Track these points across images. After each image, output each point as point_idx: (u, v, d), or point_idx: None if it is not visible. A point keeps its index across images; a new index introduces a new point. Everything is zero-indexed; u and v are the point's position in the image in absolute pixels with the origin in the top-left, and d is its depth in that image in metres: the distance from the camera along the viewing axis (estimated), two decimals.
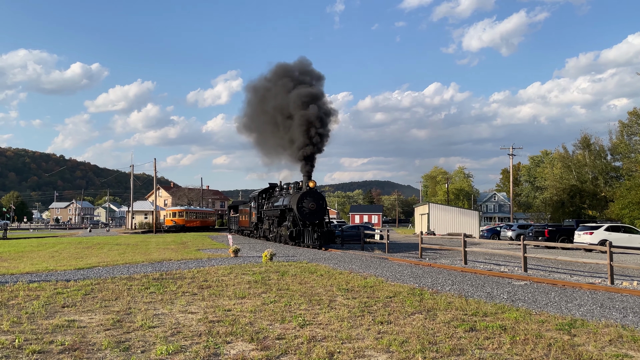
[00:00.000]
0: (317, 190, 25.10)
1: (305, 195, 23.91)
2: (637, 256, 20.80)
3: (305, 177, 24.92)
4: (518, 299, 8.53)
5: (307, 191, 24.14)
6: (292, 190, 26.42)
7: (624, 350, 5.23)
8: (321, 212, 24.17)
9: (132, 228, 62.24)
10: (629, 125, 43.48)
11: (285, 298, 8.31)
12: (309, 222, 23.63)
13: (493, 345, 5.43)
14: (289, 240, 24.00)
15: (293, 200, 24.24)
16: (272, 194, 30.68)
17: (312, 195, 24.13)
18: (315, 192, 24.40)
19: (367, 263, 14.75)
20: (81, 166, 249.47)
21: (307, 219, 23.70)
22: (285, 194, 27.16)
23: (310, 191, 24.17)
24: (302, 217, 23.62)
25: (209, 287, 9.60)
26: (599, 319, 6.77)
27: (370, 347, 5.41)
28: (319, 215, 24.11)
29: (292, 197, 24.76)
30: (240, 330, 6.05)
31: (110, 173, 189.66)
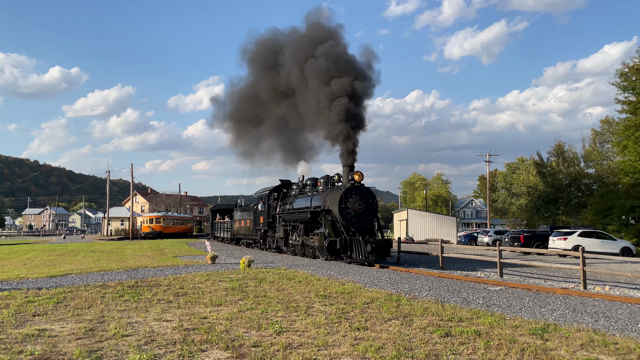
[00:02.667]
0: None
1: (349, 193, 17.87)
2: (609, 261, 21.25)
3: (346, 168, 18.85)
4: (493, 304, 8.63)
5: (351, 187, 18.04)
6: (322, 187, 20.49)
7: (595, 355, 5.33)
8: (372, 215, 18.24)
9: (108, 235, 61.24)
10: (602, 133, 44.54)
11: (263, 305, 8.26)
12: (355, 228, 17.73)
13: (468, 350, 5.48)
14: (325, 254, 17.60)
15: (331, 199, 18.31)
16: (287, 193, 24.12)
17: (359, 192, 18.05)
18: (363, 189, 18.26)
19: (346, 269, 14.75)
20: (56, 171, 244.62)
21: (354, 224, 17.72)
22: (311, 192, 20.97)
23: (356, 187, 18.09)
24: (347, 222, 17.60)
25: (185, 294, 9.49)
26: (571, 324, 6.89)
27: (347, 353, 5.40)
28: (368, 220, 18.20)
29: (329, 195, 18.78)
30: (215, 338, 5.99)
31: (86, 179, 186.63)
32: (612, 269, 17.72)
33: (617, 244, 26.41)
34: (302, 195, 21.72)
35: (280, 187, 24.81)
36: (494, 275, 15.81)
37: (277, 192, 24.69)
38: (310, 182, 22.06)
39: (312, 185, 21.77)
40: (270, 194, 24.86)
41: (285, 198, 23.65)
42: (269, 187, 25.62)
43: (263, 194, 25.71)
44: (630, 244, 27.19)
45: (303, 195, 21.67)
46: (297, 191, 22.90)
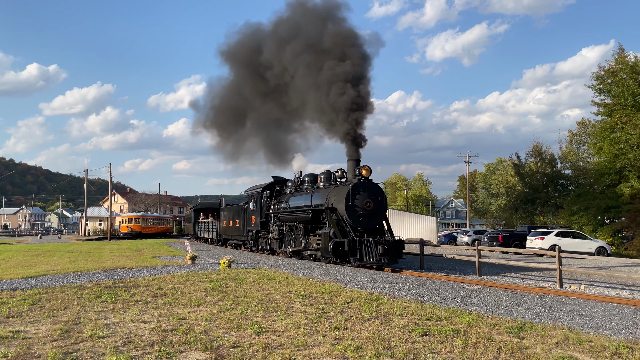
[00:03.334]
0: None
1: (357, 189, 16.24)
2: (584, 260, 21.66)
3: (352, 162, 17.22)
4: (471, 303, 8.73)
5: (359, 182, 16.38)
6: (324, 183, 18.86)
7: (569, 352, 5.42)
8: (381, 213, 16.74)
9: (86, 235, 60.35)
10: (578, 135, 45.42)
11: (242, 305, 8.23)
12: (363, 228, 16.15)
13: (446, 349, 5.53)
14: (329, 257, 15.89)
15: (336, 196, 16.68)
16: (282, 190, 22.35)
17: (367, 188, 16.46)
18: (371, 184, 16.69)
19: (327, 269, 14.77)
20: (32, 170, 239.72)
21: (362, 224, 16.14)
22: (311, 189, 19.51)
23: (364, 183, 16.47)
24: (354, 221, 16.01)
25: (164, 295, 9.39)
26: (547, 322, 7.00)
27: (326, 353, 5.41)
28: (377, 219, 16.71)
29: (332, 191, 17.20)
30: (194, 339, 5.94)
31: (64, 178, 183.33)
32: (588, 268, 18.07)
33: (593, 243, 26.95)
34: (300, 193, 20.16)
35: (273, 184, 23.08)
36: (473, 274, 15.99)
37: (270, 190, 23.00)
38: (309, 178, 20.64)
39: (311, 181, 20.42)
40: (262, 191, 23.11)
41: (280, 196, 22.05)
42: (261, 185, 23.86)
43: (255, 192, 23.89)
44: (606, 244, 27.78)
45: (301, 193, 20.09)
46: (293, 188, 21.19)
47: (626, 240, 32.76)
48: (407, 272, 15.26)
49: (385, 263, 15.36)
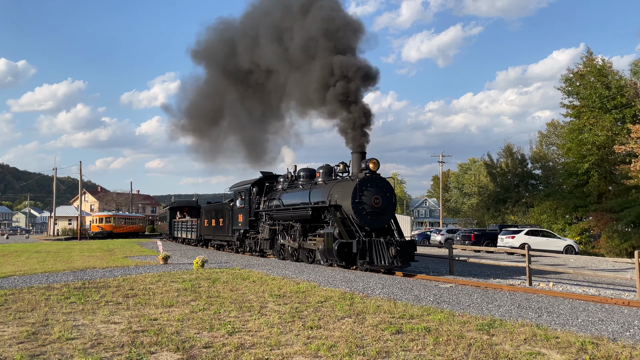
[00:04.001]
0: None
1: (364, 185, 14.81)
2: (553, 258, 22.17)
3: (358, 155, 15.73)
4: (443, 301, 8.84)
5: (366, 177, 15.00)
6: (323, 179, 17.30)
7: (537, 348, 5.55)
8: (390, 211, 15.36)
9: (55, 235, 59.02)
10: (547, 136, 46.48)
11: (215, 305, 8.16)
12: (371, 227, 14.76)
13: (417, 346, 5.59)
14: (333, 259, 14.55)
15: (340, 192, 15.23)
16: (273, 187, 20.84)
17: (375, 183, 15.06)
18: (380, 179, 15.31)
19: (301, 269, 14.76)
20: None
21: (369, 222, 14.75)
22: (307, 185, 18.02)
23: (371, 177, 15.07)
24: (361, 219, 14.60)
25: (135, 295, 9.25)
26: (516, 319, 7.15)
27: (299, 352, 5.41)
28: (386, 217, 15.32)
29: (335, 187, 15.74)
30: (165, 340, 5.87)
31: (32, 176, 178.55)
32: (556, 266, 18.47)
33: (561, 242, 27.64)
34: (295, 189, 18.76)
35: (262, 180, 21.46)
36: (445, 272, 16.20)
37: (259, 186, 21.34)
38: (305, 173, 19.14)
39: (307, 176, 18.92)
40: (251, 188, 21.43)
41: (271, 193, 20.55)
42: (250, 180, 22.18)
43: (242, 189, 22.12)
44: (574, 242, 28.52)
45: (295, 189, 18.68)
46: (285, 184, 19.70)
47: (593, 239, 33.67)
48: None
49: (398, 266, 14.05)
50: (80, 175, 53.27)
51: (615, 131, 30.83)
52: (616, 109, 31.19)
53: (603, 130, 30.86)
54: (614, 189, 31.22)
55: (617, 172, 28.78)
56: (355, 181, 14.92)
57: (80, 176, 53.37)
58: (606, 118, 31.02)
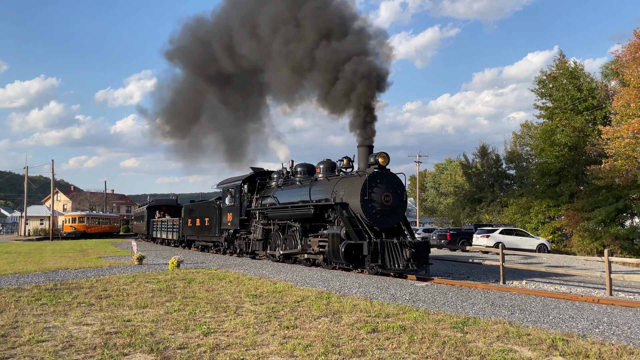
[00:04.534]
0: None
1: (374, 181, 13.83)
2: (527, 257, 22.58)
3: (365, 148, 14.77)
4: (419, 299, 8.93)
5: (376, 173, 13.98)
6: (324, 175, 16.45)
7: (509, 345, 5.64)
8: (400, 210, 14.40)
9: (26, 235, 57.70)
10: (521, 137, 47.26)
11: (191, 306, 8.09)
12: (381, 227, 13.75)
13: (393, 345, 5.64)
14: (340, 261, 13.59)
15: (347, 189, 14.22)
16: (266, 183, 19.65)
17: (385, 179, 14.09)
18: (390, 175, 14.33)
19: (278, 268, 14.74)
20: None
21: (379, 222, 13.76)
22: (306, 181, 16.90)
23: (381, 173, 14.09)
24: (371, 218, 13.62)
25: (109, 296, 9.10)
26: (490, 317, 7.26)
27: (275, 352, 5.40)
28: (397, 216, 14.32)
29: (340, 183, 14.74)
30: (139, 341, 5.79)
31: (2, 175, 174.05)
32: (529, 264, 18.77)
33: (534, 241, 28.18)
34: (292, 186, 17.65)
35: (253, 176, 20.20)
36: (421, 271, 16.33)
37: (250, 183, 20.02)
38: (303, 169, 18.06)
39: (306, 172, 17.86)
40: (242, 185, 20.10)
41: (264, 190, 19.36)
42: (241, 177, 20.84)
43: (232, 186, 20.81)
44: (546, 241, 29.11)
45: (292, 186, 17.59)
46: (280, 181, 18.58)
47: (565, 238, 34.39)
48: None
49: (414, 270, 13.05)
50: (53, 174, 52.20)
51: (587, 132, 31.56)
52: (587, 111, 31.93)
53: (575, 132, 31.56)
54: (585, 189, 31.95)
55: (588, 173, 29.45)
56: (364, 177, 13.86)
57: (52, 175, 52.29)
58: (578, 119, 31.72)
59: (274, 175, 19.51)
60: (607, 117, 31.07)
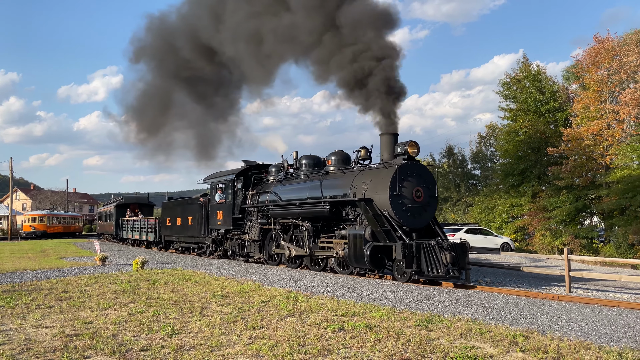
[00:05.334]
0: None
1: (403, 173, 12.29)
2: (490, 255, 23.07)
3: (390, 137, 13.13)
4: (385, 298, 9.01)
5: (406, 165, 12.45)
6: (336, 167, 14.75)
7: (472, 342, 5.75)
8: (432, 207, 12.93)
9: None
10: (486, 138, 48.25)
11: (155, 307, 7.95)
12: (411, 227, 12.20)
13: (359, 343, 5.67)
14: (365, 266, 11.83)
15: (370, 182, 12.70)
16: (262, 178, 17.94)
17: (416, 172, 12.64)
18: (421, 168, 13.00)
19: (245, 268, 14.64)
20: None
21: (409, 221, 12.24)
22: (315, 175, 15.15)
23: (412, 165, 12.62)
24: (401, 217, 12.08)
25: (69, 298, 8.86)
26: (454, 314, 7.38)
27: (240, 353, 5.36)
28: (428, 214, 12.82)
29: (361, 177, 13.16)
30: (101, 344, 5.65)
31: None
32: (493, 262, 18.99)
33: (498, 239, 28.83)
34: (294, 181, 15.92)
35: (247, 170, 18.31)
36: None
37: (244, 178, 18.13)
38: (309, 161, 16.17)
39: (312, 165, 16.06)
40: (235, 179, 18.20)
41: (260, 185, 17.52)
42: (232, 170, 19.05)
43: (224, 180, 18.85)
44: (510, 240, 29.82)
45: (297, 181, 15.82)
46: (281, 175, 16.76)
47: (527, 237, 35.29)
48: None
49: (455, 276, 11.44)
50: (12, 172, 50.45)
51: (549, 134, 32.45)
52: (549, 113, 32.85)
53: (537, 133, 32.41)
54: (547, 189, 32.85)
55: (550, 173, 30.31)
56: (393, 168, 12.27)
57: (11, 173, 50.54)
58: (540, 121, 32.59)
59: (271, 168, 17.75)
60: (567, 119, 32.03)
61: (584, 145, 27.27)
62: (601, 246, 28.01)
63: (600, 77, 27.02)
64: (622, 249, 24.83)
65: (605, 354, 5.17)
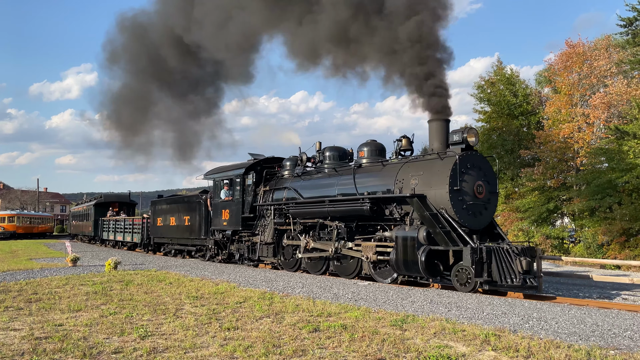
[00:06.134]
0: None
1: (464, 166, 10.84)
2: None
3: (440, 123, 11.64)
4: (361, 298, 9.05)
5: (467, 155, 11.01)
6: (369, 160, 13.26)
7: (445, 342, 5.82)
8: (494, 205, 11.60)
9: None
10: None
11: (128, 309, 7.82)
12: (471, 228, 10.71)
13: (334, 344, 5.69)
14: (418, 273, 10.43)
15: (422, 176, 11.23)
16: (275, 173, 16.12)
17: (477, 164, 11.23)
18: (482, 159, 11.53)
19: (221, 269, 14.54)
20: None
21: (471, 221, 10.80)
22: (344, 169, 13.57)
23: (473, 155, 11.20)
24: (462, 216, 10.65)
25: (39, 300, 8.66)
26: (428, 314, 7.46)
27: (215, 354, 5.32)
28: (489, 213, 11.39)
29: (407, 169, 11.73)
30: (71, 347, 5.54)
31: None
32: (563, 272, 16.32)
33: None
34: (318, 175, 14.38)
35: (257, 164, 16.40)
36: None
37: (254, 173, 16.22)
38: (334, 153, 14.55)
39: (338, 157, 14.49)
40: (245, 174, 16.30)
41: (273, 181, 15.80)
42: (241, 164, 17.07)
43: (231, 175, 16.90)
44: None
45: (319, 175, 14.34)
46: (299, 169, 15.11)
47: None
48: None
49: (533, 286, 9.97)
50: None
51: (522, 136, 33.07)
52: (522, 116, 33.48)
53: (510, 135, 32.99)
54: (520, 190, 33.47)
55: (522, 175, 30.88)
56: (453, 159, 10.78)
57: None
58: (513, 124, 33.19)
59: (285, 162, 16.06)
60: (540, 122, 32.71)
61: (555, 147, 27.88)
62: (572, 246, 28.66)
63: (571, 81, 27.68)
64: (591, 249, 25.48)
65: (574, 352, 5.29)
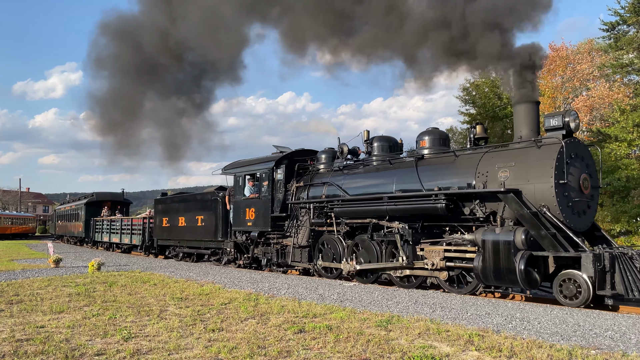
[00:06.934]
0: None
1: (568, 156, 9.16)
2: None
3: (530, 106, 10.02)
4: (346, 299, 9.07)
5: (571, 142, 9.36)
6: (432, 147, 11.84)
7: (429, 342, 5.86)
8: (595, 201, 10.01)
9: None
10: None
11: (111, 310, 7.74)
12: (577, 229, 9.17)
13: (319, 344, 5.69)
14: (517, 284, 8.85)
15: (513, 167, 9.51)
16: (307, 168, 14.48)
17: (581, 153, 9.62)
18: (584, 147, 9.92)
19: (206, 270, 14.46)
20: None
21: (576, 221, 9.24)
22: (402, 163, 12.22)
23: (577, 143, 9.65)
24: (568, 215, 9.02)
25: (20, 301, 8.54)
26: (412, 315, 7.50)
27: (199, 356, 5.29)
28: (592, 211, 9.85)
29: (493, 160, 9.98)
30: (53, 349, 5.47)
31: None
32: None
33: None
34: (366, 169, 12.87)
35: (289, 157, 14.80)
36: None
37: (285, 167, 14.58)
38: (383, 143, 13.11)
39: (388, 148, 13.09)
40: (275, 168, 14.58)
41: (308, 175, 14.20)
42: (270, 157, 15.25)
43: (258, 170, 15.18)
44: None
45: (368, 169, 12.84)
46: (341, 162, 13.50)
47: None
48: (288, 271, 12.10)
49: None
50: None
51: (505, 138, 33.44)
52: (507, 118, 33.84)
53: (495, 137, 33.34)
54: None
55: None
56: (556, 147, 9.14)
57: None
58: (497, 125, 33.55)
59: (320, 155, 14.49)
60: None
61: None
62: None
63: (554, 84, 28.08)
64: None
65: (556, 352, 5.36)
